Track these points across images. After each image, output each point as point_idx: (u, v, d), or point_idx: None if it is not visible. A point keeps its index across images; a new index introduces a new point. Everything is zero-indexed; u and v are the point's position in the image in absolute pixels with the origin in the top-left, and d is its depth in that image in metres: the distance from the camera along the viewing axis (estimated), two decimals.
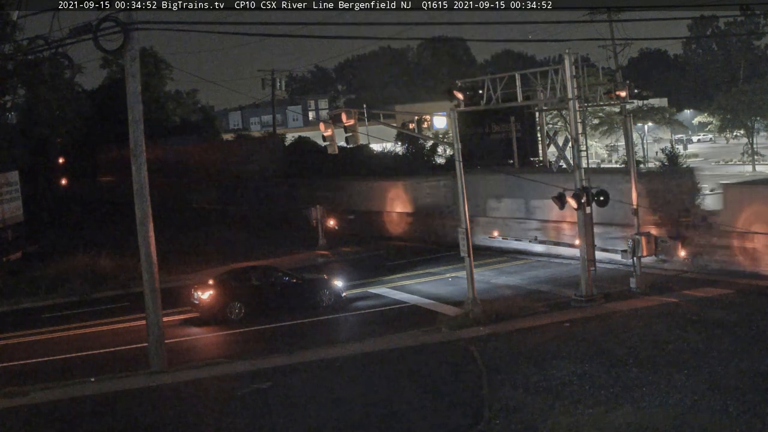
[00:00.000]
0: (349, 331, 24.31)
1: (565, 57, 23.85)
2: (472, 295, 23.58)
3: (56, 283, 32.23)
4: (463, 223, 23.76)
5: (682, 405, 14.95)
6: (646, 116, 69.80)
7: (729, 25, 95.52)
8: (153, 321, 20.22)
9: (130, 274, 31.77)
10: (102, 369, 20.80)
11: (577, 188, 23.85)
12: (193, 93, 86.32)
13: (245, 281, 26.98)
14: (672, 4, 41.69)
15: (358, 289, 29.18)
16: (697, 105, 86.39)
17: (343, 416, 16.00)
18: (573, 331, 21.09)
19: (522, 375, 17.59)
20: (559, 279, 28.50)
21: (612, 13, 49.99)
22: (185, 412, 17.12)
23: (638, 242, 25.04)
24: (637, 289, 24.96)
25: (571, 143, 24.39)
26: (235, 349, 22.75)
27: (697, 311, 22.05)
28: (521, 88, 25.26)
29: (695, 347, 18.61)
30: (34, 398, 18.35)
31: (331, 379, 18.65)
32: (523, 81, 25.35)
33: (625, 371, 17.19)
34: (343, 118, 24.70)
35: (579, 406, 15.33)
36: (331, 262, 36.28)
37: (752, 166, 65.80)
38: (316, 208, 39.39)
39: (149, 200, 20.20)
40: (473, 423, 15.10)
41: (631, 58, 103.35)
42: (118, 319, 27.08)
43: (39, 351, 23.63)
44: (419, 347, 20.97)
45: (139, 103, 19.84)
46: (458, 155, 24.07)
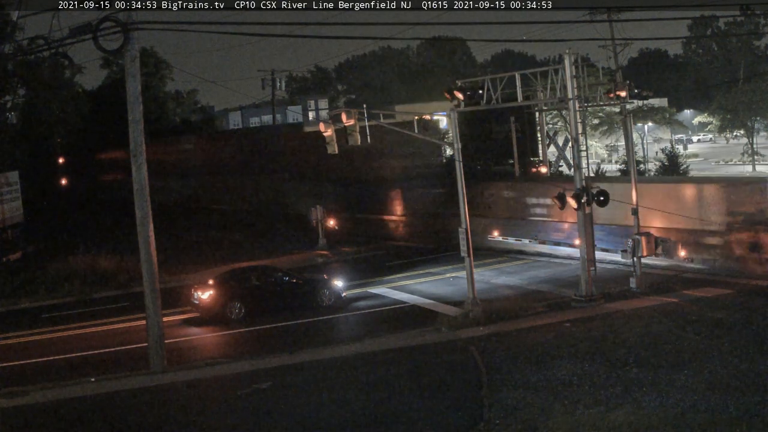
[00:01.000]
0: (349, 331, 24.30)
1: (565, 57, 23.86)
2: (472, 295, 23.58)
3: (56, 283, 32.26)
4: (463, 223, 23.77)
5: (682, 405, 14.93)
6: (646, 116, 69.74)
7: (729, 25, 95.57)
8: (153, 321, 20.21)
9: (130, 274, 31.81)
10: (102, 369, 20.80)
11: (577, 188, 23.88)
12: (193, 93, 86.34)
13: (245, 281, 26.98)
14: (672, 4, 41.83)
15: (358, 289, 29.18)
16: (697, 105, 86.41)
17: (343, 416, 15.99)
18: (573, 331, 21.08)
19: (522, 375, 17.58)
20: (559, 279, 28.50)
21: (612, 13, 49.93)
22: (185, 412, 17.12)
23: (638, 242, 25.05)
24: (637, 289, 24.96)
25: (571, 143, 24.39)
26: (235, 349, 22.75)
27: (697, 311, 22.05)
28: (521, 88, 25.27)
29: (695, 347, 18.60)
30: (34, 398, 18.35)
31: (331, 379, 18.64)
32: (523, 81, 25.37)
33: (625, 371, 17.18)
34: (343, 118, 24.70)
35: (579, 406, 15.31)
36: (331, 262, 36.30)
37: (752, 166, 65.82)
38: (316, 208, 39.41)
39: (149, 200, 20.20)
40: (473, 423, 15.08)
41: (631, 58, 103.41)
42: (118, 319, 27.06)
43: (39, 351, 23.62)
44: (419, 347, 20.96)
45: (139, 103, 19.84)
46: (458, 155, 24.07)
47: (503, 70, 36.87)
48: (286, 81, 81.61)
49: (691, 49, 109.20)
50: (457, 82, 25.35)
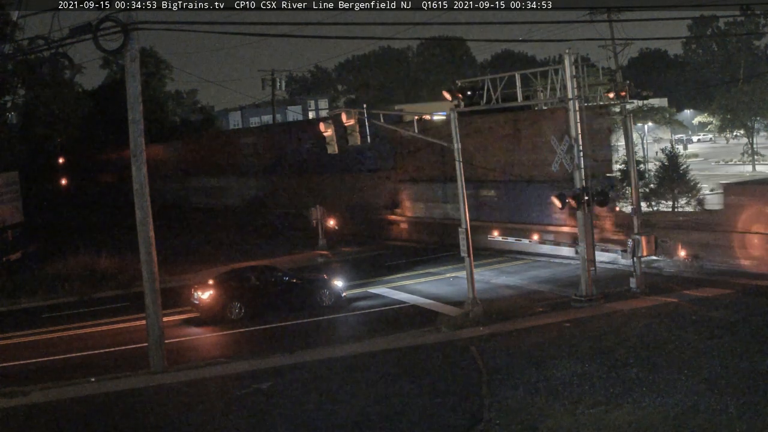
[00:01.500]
0: (349, 331, 24.30)
1: (565, 57, 23.85)
2: (472, 295, 23.59)
3: (56, 283, 32.27)
4: (463, 223, 23.77)
5: (682, 405, 14.93)
6: (646, 116, 69.78)
7: (729, 25, 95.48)
8: (153, 321, 20.21)
9: (130, 274, 31.80)
10: (102, 369, 20.80)
11: (577, 188, 23.87)
12: (193, 93, 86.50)
13: (245, 281, 26.98)
14: (672, 4, 41.88)
15: (358, 289, 29.19)
16: (697, 105, 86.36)
17: (343, 416, 15.99)
18: (573, 331, 21.09)
19: (522, 375, 17.58)
20: (559, 279, 28.52)
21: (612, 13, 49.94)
22: (185, 412, 17.12)
23: (638, 242, 25.04)
24: (637, 289, 24.96)
25: (572, 143, 24.37)
26: (235, 349, 22.75)
27: (697, 311, 22.05)
28: (521, 88, 25.25)
29: (695, 347, 18.60)
30: (34, 398, 18.35)
31: (331, 378, 18.65)
32: (523, 81, 25.34)
33: (625, 371, 17.18)
34: (343, 118, 24.70)
35: (579, 406, 15.32)
36: (331, 262, 36.31)
37: (752, 166, 65.82)
38: (317, 208, 39.44)
39: (149, 200, 20.20)
40: (473, 423, 15.09)
41: (631, 58, 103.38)
42: (118, 319, 27.08)
43: (39, 351, 23.62)
44: (419, 347, 20.97)
45: (139, 103, 19.84)
46: (458, 155, 24.08)
47: (503, 70, 36.77)
48: (286, 81, 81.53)
49: (691, 49, 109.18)
50: (457, 82, 25.35)
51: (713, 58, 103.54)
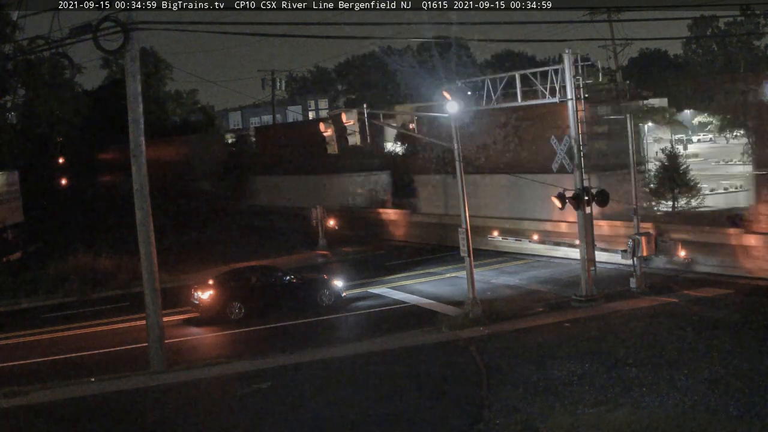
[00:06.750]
0: (349, 331, 24.30)
1: (565, 57, 23.84)
2: (472, 295, 23.58)
3: (56, 283, 32.26)
4: (463, 222, 23.76)
5: (682, 405, 14.94)
6: (646, 116, 69.71)
7: (729, 25, 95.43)
8: (153, 321, 20.21)
9: (130, 274, 31.81)
10: (102, 369, 20.80)
11: (577, 188, 23.87)
12: (193, 93, 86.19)
13: (245, 281, 26.98)
14: (672, 4, 41.88)
15: (358, 289, 29.18)
16: (697, 105, 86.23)
17: (343, 416, 15.98)
18: (573, 331, 21.09)
19: (522, 375, 17.58)
20: (559, 279, 28.50)
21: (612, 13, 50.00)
22: (185, 412, 17.12)
23: (638, 242, 25.05)
24: (637, 289, 24.96)
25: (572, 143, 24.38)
26: (235, 349, 22.74)
27: (697, 311, 22.04)
28: (521, 88, 25.25)
29: (695, 347, 18.60)
30: (34, 398, 18.35)
31: (331, 379, 18.65)
32: (523, 81, 25.36)
33: (625, 371, 17.18)
34: (343, 118, 24.73)
35: (579, 406, 15.32)
36: (331, 262, 36.30)
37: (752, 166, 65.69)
38: (317, 208, 39.42)
39: (149, 200, 20.20)
40: (473, 423, 15.08)
41: (631, 58, 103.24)
42: (118, 319, 27.08)
43: (39, 351, 23.64)
44: (419, 347, 20.96)
45: (139, 103, 19.84)
46: (458, 155, 24.07)
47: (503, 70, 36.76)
48: (286, 81, 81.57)
49: (691, 49, 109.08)
50: (457, 82, 25.36)
51: (713, 58, 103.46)
